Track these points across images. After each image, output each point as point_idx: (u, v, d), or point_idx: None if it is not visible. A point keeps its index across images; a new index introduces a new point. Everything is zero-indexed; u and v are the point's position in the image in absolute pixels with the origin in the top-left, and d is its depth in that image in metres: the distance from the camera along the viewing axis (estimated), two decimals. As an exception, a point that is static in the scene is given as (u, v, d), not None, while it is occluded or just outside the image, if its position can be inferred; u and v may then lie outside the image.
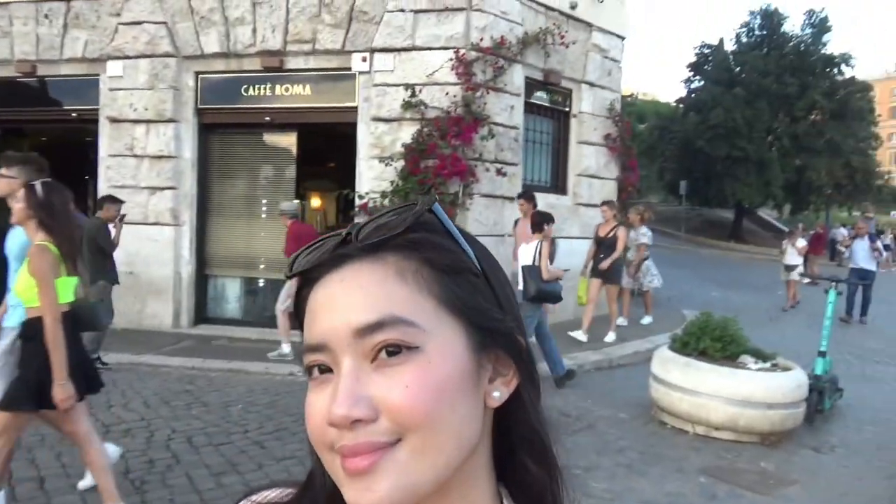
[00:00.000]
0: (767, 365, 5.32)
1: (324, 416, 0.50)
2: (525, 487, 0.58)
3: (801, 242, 13.24)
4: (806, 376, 5.38)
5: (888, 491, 4.45)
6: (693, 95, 31.60)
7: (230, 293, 9.48)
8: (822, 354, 5.79)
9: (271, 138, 9.43)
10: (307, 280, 0.55)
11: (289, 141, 9.24)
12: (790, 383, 5.18)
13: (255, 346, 8.02)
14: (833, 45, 30.03)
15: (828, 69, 29.32)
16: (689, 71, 32.27)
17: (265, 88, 8.82)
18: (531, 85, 9.20)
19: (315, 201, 13.93)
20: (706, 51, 31.59)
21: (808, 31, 30.08)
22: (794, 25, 31.90)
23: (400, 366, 0.49)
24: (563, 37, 9.07)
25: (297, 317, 0.57)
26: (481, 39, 8.16)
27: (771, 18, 30.41)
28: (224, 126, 9.24)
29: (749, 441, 5.12)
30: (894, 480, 4.61)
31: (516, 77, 8.78)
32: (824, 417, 5.76)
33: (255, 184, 9.48)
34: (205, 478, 4.15)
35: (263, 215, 9.36)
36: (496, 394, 0.54)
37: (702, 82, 31.37)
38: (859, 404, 6.33)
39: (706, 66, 31.29)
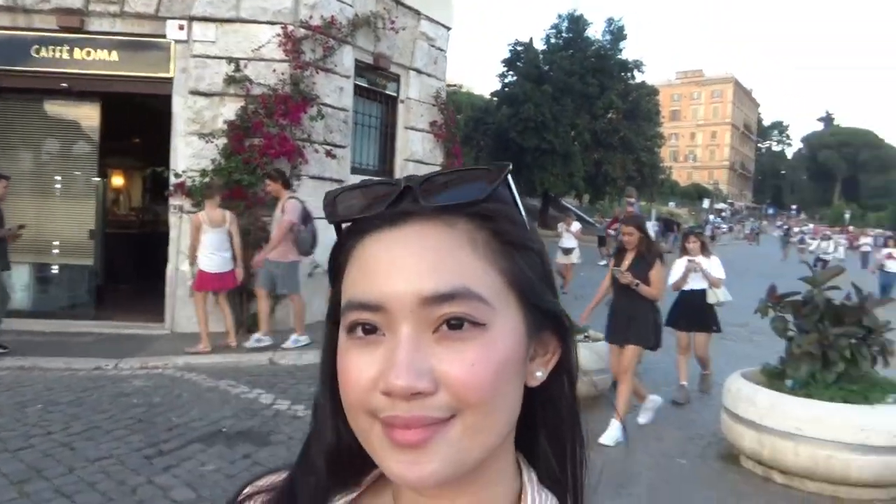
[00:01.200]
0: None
1: (371, 379, 0.47)
2: (540, 463, 0.57)
3: (576, 226, 13.55)
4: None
5: None
6: (506, 90, 33.34)
7: (17, 281, 8.35)
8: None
9: (68, 108, 8.41)
10: (353, 230, 0.51)
11: (90, 112, 8.31)
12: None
13: (50, 341, 7.18)
14: (628, 51, 33.40)
15: (622, 73, 32.54)
16: (504, 66, 33.99)
17: (61, 51, 7.83)
18: (361, 68, 9.14)
19: (118, 179, 12.68)
20: (519, 48, 33.45)
21: (608, 37, 33.09)
22: (596, 31, 34.90)
23: (465, 342, 0.47)
24: (393, 22, 9.11)
25: (337, 266, 0.53)
26: (311, 17, 7.94)
27: (577, 23, 32.98)
28: (8, 91, 8.07)
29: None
30: None
31: (346, 58, 8.67)
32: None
33: (47, 158, 8.42)
34: (4, 487, 3.64)
35: (58, 194, 8.36)
36: (539, 373, 0.53)
37: (514, 78, 33.19)
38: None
39: (519, 63, 33.15)
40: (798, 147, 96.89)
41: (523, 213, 0.53)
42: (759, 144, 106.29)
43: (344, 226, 0.53)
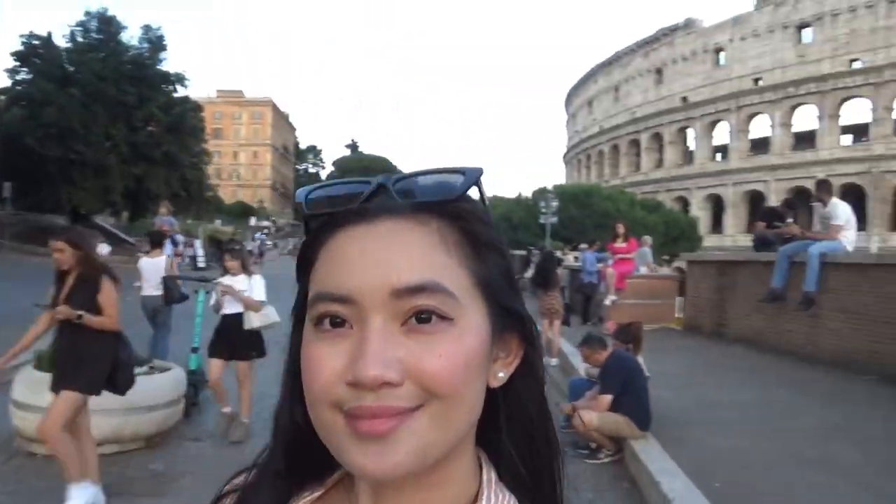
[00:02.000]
0: (145, 369, 5.37)
1: (336, 372, 0.47)
2: (503, 462, 0.57)
3: (105, 248, 12.69)
4: (184, 373, 5.67)
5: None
6: (19, 88, 28.51)
7: None
8: (195, 350, 6.19)
9: None
10: (326, 225, 0.52)
11: None
12: (169, 383, 5.34)
13: None
14: (169, 63, 31.94)
15: (165, 85, 31.13)
16: (15, 60, 28.96)
17: None
18: None
19: None
20: (35, 42, 28.94)
21: (146, 45, 31.19)
22: (132, 37, 32.45)
23: (433, 334, 0.48)
24: None
25: (306, 259, 0.53)
26: None
27: (108, 24, 30.20)
28: None
29: (136, 448, 5.05)
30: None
31: None
32: (198, 409, 6.16)
33: None
34: None
35: None
36: (501, 374, 0.54)
37: (30, 75, 28.60)
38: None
39: (36, 59, 28.69)
40: (330, 170, 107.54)
41: (491, 215, 0.54)
42: (297, 166, 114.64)
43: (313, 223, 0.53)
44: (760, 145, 51.08)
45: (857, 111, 46.73)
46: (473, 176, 0.51)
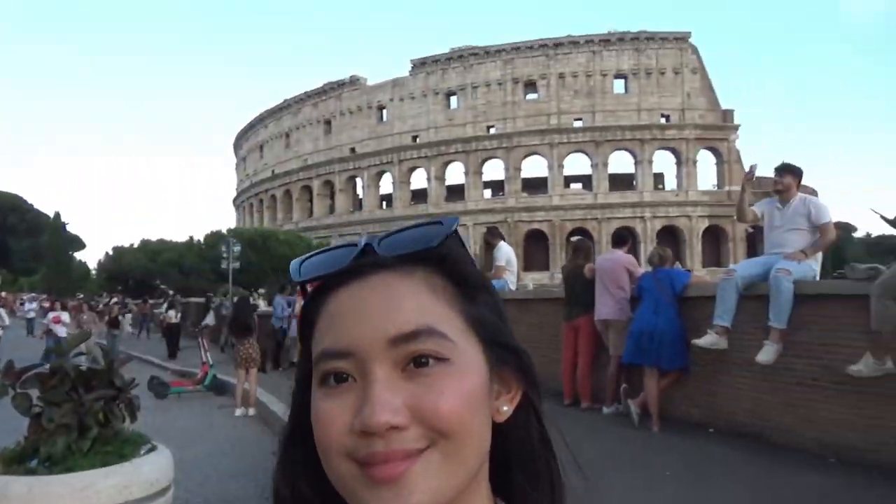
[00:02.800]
0: None
1: (345, 423, 0.49)
2: (517, 501, 0.58)
3: None
4: None
5: None
6: None
7: None
8: None
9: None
10: (321, 288, 0.54)
11: None
12: None
13: None
14: None
15: None
16: None
17: None
18: None
19: None
20: None
21: None
22: None
23: (432, 376, 0.49)
24: None
25: (307, 325, 0.55)
26: None
27: None
28: None
29: None
30: None
31: None
32: None
33: None
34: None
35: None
36: (504, 408, 0.55)
37: None
38: None
39: None
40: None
41: (474, 259, 0.57)
42: None
43: (310, 287, 0.56)
44: (420, 196, 56.82)
45: (494, 169, 55.20)
46: (449, 224, 0.55)
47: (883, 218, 4.94)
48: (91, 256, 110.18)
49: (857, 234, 48.69)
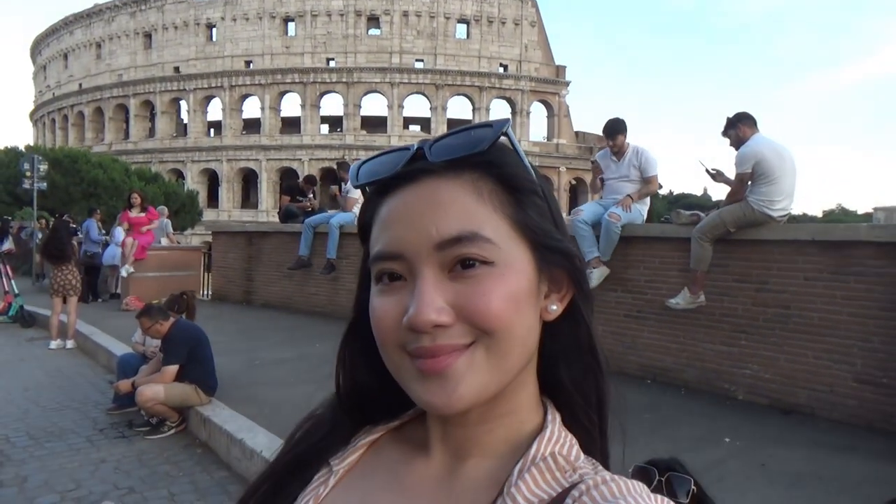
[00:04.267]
0: None
1: (397, 318, 0.52)
2: (563, 402, 0.60)
3: None
4: None
5: None
6: None
7: None
8: None
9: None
10: (376, 192, 0.57)
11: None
12: None
13: None
14: None
15: None
16: None
17: None
18: None
19: None
20: None
21: None
22: None
23: (477, 277, 0.52)
24: None
25: (364, 225, 0.58)
26: None
27: None
28: None
29: None
30: None
31: None
32: None
33: None
34: None
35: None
36: (553, 307, 0.57)
37: None
38: None
39: None
40: None
41: (527, 162, 0.58)
42: None
43: (368, 189, 0.58)
44: (253, 125, 53.83)
45: (333, 104, 53.63)
46: (499, 128, 0.54)
47: (707, 171, 5.58)
48: None
49: (662, 192, 54.29)
